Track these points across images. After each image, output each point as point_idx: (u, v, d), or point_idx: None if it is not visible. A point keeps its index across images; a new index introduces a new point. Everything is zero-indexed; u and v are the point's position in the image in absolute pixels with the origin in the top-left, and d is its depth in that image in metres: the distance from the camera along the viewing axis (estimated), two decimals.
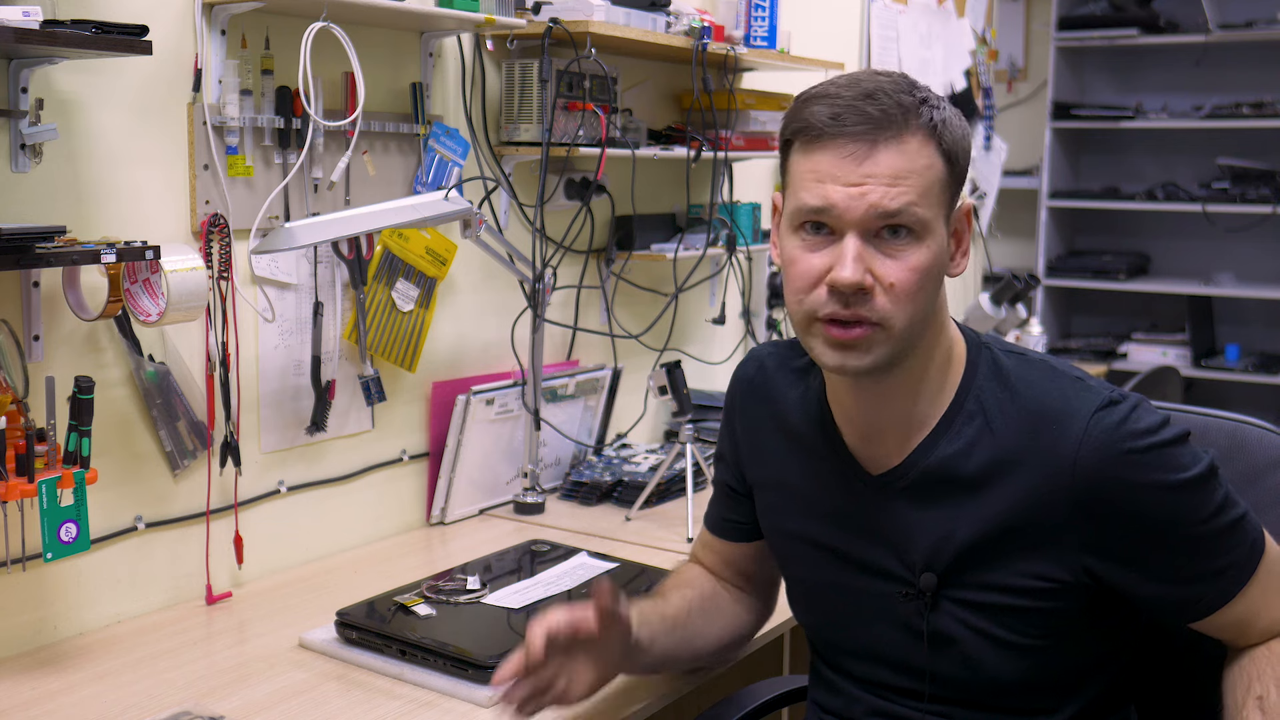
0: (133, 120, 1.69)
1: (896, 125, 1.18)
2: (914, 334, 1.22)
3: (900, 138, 1.18)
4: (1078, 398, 1.23)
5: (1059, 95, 5.14)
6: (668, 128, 2.63)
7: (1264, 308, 5.00)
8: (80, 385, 1.53)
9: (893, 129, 1.18)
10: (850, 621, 1.37)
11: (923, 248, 1.19)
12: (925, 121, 1.20)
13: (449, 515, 2.21)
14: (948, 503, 1.26)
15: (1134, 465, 1.19)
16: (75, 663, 1.59)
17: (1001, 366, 1.28)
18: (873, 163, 1.18)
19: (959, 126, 1.23)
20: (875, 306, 1.19)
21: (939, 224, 1.21)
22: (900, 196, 1.17)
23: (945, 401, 1.28)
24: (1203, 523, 1.21)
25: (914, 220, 1.18)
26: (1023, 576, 1.24)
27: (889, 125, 1.18)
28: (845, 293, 1.18)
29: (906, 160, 1.18)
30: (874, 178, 1.18)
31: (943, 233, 1.22)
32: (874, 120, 1.18)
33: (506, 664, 1.28)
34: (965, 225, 1.27)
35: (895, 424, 1.29)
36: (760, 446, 1.45)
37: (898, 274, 1.19)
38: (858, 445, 1.33)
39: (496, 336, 2.33)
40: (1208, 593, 1.23)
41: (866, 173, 1.18)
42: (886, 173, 1.18)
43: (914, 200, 1.18)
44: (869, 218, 1.18)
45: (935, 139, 1.20)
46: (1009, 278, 3.53)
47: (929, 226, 1.19)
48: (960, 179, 1.24)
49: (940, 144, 1.20)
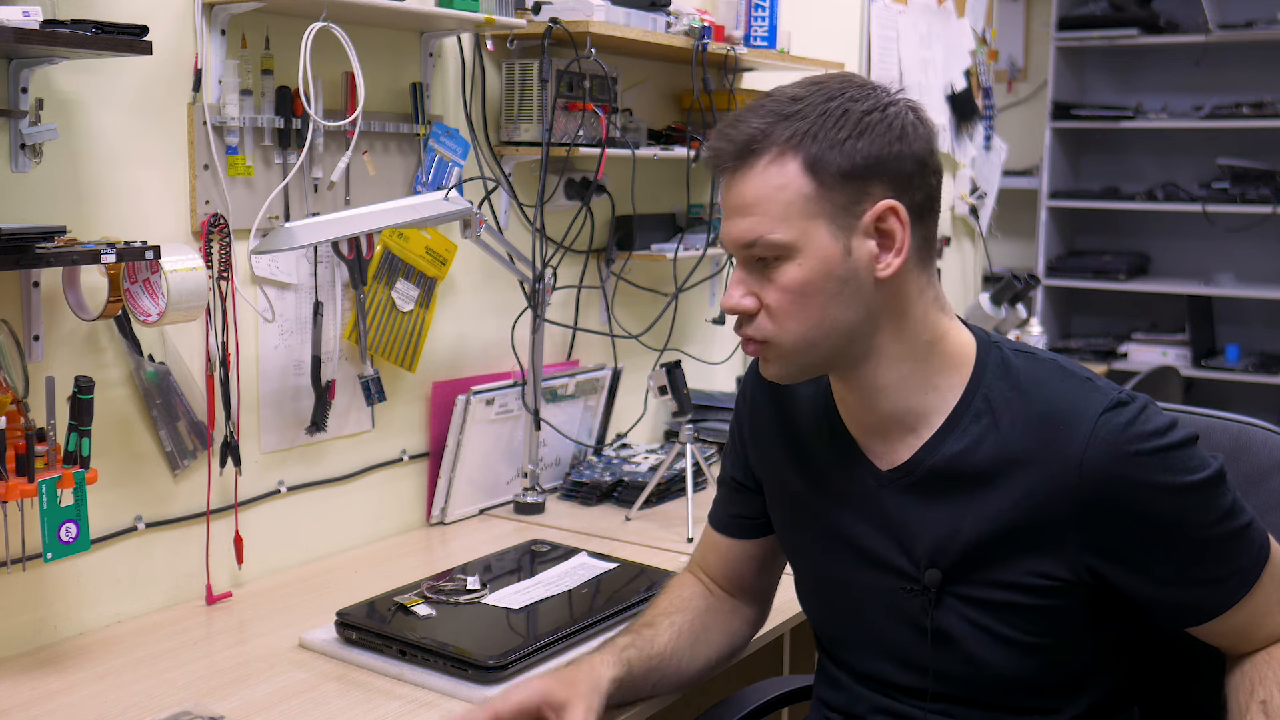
0: (133, 120, 1.69)
1: (745, 153, 1.23)
2: (816, 346, 1.25)
3: (748, 163, 1.23)
4: (1086, 398, 1.22)
5: (1059, 95, 5.14)
6: (668, 128, 2.63)
7: (1264, 308, 5.01)
8: (80, 385, 1.53)
9: (742, 157, 1.23)
10: (855, 616, 1.37)
11: (793, 265, 1.22)
12: (780, 139, 1.21)
13: (449, 515, 2.21)
14: (954, 499, 1.27)
15: (1141, 466, 1.19)
16: (75, 663, 1.59)
17: (1011, 365, 1.28)
18: (729, 195, 1.25)
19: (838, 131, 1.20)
20: (757, 326, 1.27)
21: (812, 238, 1.21)
22: (749, 230, 1.23)
23: (953, 399, 1.28)
24: (1209, 526, 1.20)
25: (767, 247, 1.23)
26: (1027, 574, 1.24)
27: (739, 154, 1.24)
28: (736, 316, 1.28)
29: (754, 189, 1.23)
30: (733, 210, 1.25)
31: (826, 245, 1.21)
32: (726, 153, 1.25)
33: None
34: (895, 223, 1.23)
35: (896, 420, 1.30)
36: (771, 440, 1.45)
37: (772, 295, 1.25)
38: (865, 441, 1.34)
39: (496, 336, 2.33)
40: (1211, 598, 1.23)
41: (729, 205, 1.26)
42: (737, 204, 1.25)
43: (764, 230, 1.22)
44: (737, 249, 1.26)
45: (794, 152, 1.21)
46: (1009, 278, 3.54)
47: (791, 246, 1.22)
48: (856, 179, 1.21)
49: (802, 155, 1.20)
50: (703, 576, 1.57)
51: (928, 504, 1.28)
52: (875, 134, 1.21)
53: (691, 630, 1.50)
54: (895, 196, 1.22)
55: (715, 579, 1.56)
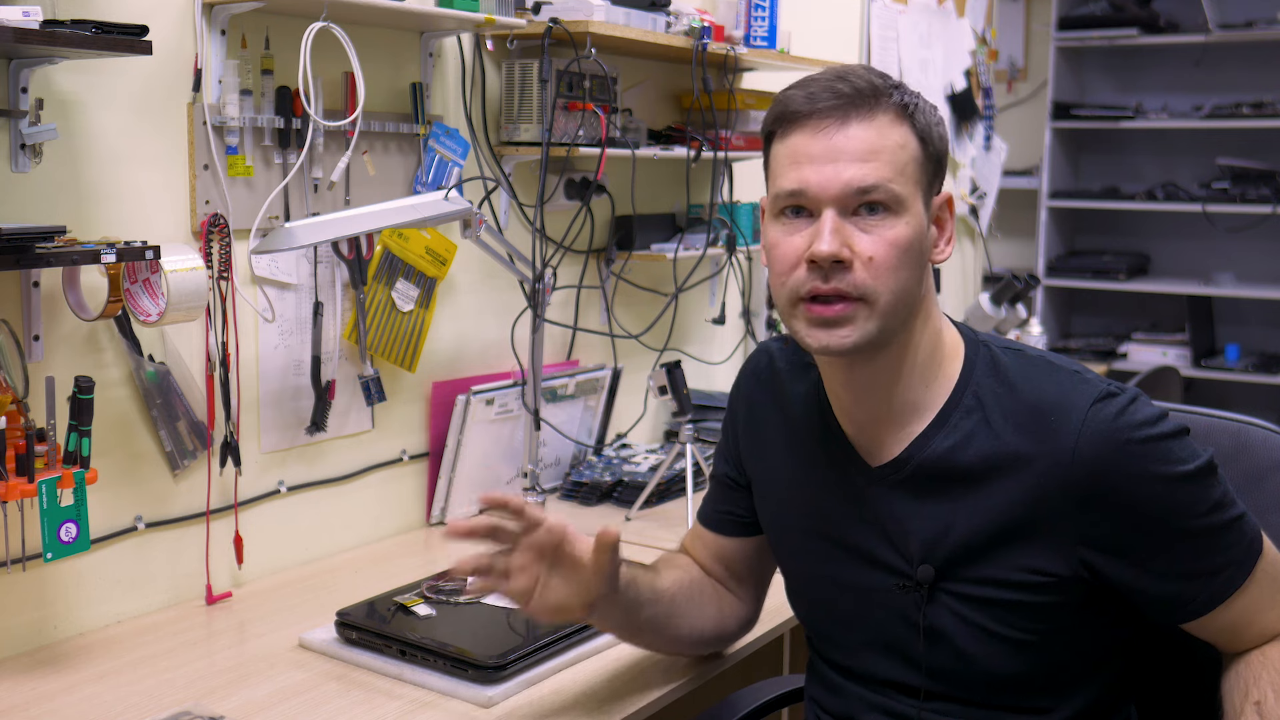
0: (133, 120, 1.69)
1: (868, 102, 1.22)
2: (897, 311, 1.24)
3: (872, 114, 1.22)
4: (1075, 390, 1.23)
5: (1059, 95, 5.14)
6: (668, 128, 2.63)
7: (1264, 308, 5.00)
8: (80, 385, 1.53)
9: (864, 105, 1.22)
10: (847, 614, 1.37)
11: (900, 223, 1.22)
12: (897, 101, 1.24)
13: (449, 515, 2.21)
14: (946, 495, 1.27)
15: (1132, 456, 1.19)
16: (75, 663, 1.59)
17: (999, 362, 1.29)
18: (845, 137, 1.21)
19: (933, 114, 1.27)
20: (854, 281, 1.21)
21: (916, 203, 1.23)
22: (872, 174, 1.21)
23: (943, 395, 1.29)
24: (1200, 517, 1.21)
25: (889, 195, 1.21)
26: (1020, 570, 1.24)
27: (860, 102, 1.22)
28: (824, 267, 1.20)
29: (879, 135, 1.22)
30: (847, 154, 1.21)
31: (921, 213, 1.24)
32: (845, 96, 1.22)
33: (468, 521, 1.32)
34: (948, 214, 1.30)
35: (890, 415, 1.30)
36: (762, 437, 1.45)
37: (875, 248, 1.21)
38: (857, 437, 1.34)
39: (496, 336, 2.33)
40: (1203, 591, 1.23)
41: (839, 148, 1.21)
42: (859, 148, 1.21)
43: (888, 175, 1.21)
44: (844, 194, 1.21)
45: (908, 119, 1.24)
46: (1009, 278, 3.54)
47: (905, 203, 1.22)
48: (937, 165, 1.27)
49: (914, 124, 1.24)
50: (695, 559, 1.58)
51: (919, 500, 1.29)
52: (944, 129, 1.29)
53: (690, 588, 1.51)
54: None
55: (706, 569, 1.56)
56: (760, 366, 1.48)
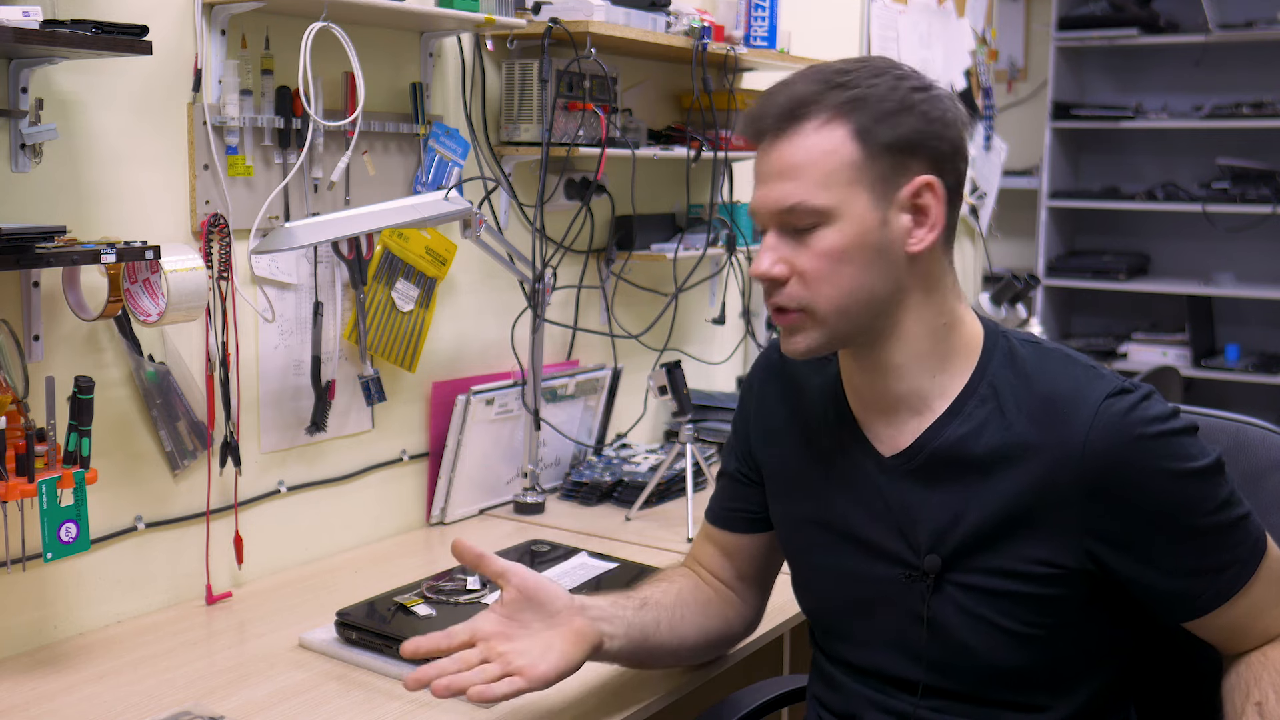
0: (133, 120, 1.69)
1: (791, 117, 1.24)
2: (848, 314, 1.26)
3: (798, 127, 1.24)
4: (1090, 385, 1.24)
5: (1059, 95, 5.14)
6: (668, 128, 2.63)
7: (1264, 308, 5.00)
8: (80, 385, 1.53)
9: (789, 120, 1.24)
10: (851, 606, 1.37)
11: (831, 230, 1.24)
12: (831, 104, 1.23)
13: (449, 515, 2.21)
14: (957, 484, 1.27)
15: (1143, 451, 1.20)
16: (75, 663, 1.59)
17: (1017, 354, 1.30)
18: (769, 160, 1.26)
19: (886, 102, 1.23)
20: (789, 295, 1.26)
21: (854, 205, 1.23)
22: (790, 195, 1.23)
23: (959, 385, 1.29)
24: (1207, 515, 1.21)
25: (809, 213, 1.23)
26: (1027, 562, 1.24)
27: (786, 117, 1.24)
28: (765, 285, 1.28)
29: (800, 152, 1.23)
30: (773, 174, 1.26)
31: (864, 213, 1.23)
32: (771, 117, 1.25)
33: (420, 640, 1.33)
34: (930, 198, 1.25)
35: (904, 404, 1.31)
36: (774, 429, 1.46)
37: (806, 261, 1.25)
38: (871, 427, 1.34)
39: (496, 336, 2.33)
40: (1208, 589, 1.23)
41: (768, 169, 1.26)
42: (779, 169, 1.25)
43: (806, 192, 1.23)
44: (776, 215, 1.26)
45: (845, 118, 1.23)
46: (1009, 278, 3.54)
47: (832, 212, 1.23)
48: (896, 154, 1.23)
49: (851, 123, 1.23)
50: (697, 568, 1.57)
51: (930, 489, 1.29)
52: (920, 112, 1.24)
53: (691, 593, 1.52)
54: (935, 173, 1.25)
55: (711, 572, 1.56)
56: (773, 361, 1.49)
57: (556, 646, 1.34)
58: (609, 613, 1.41)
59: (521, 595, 1.37)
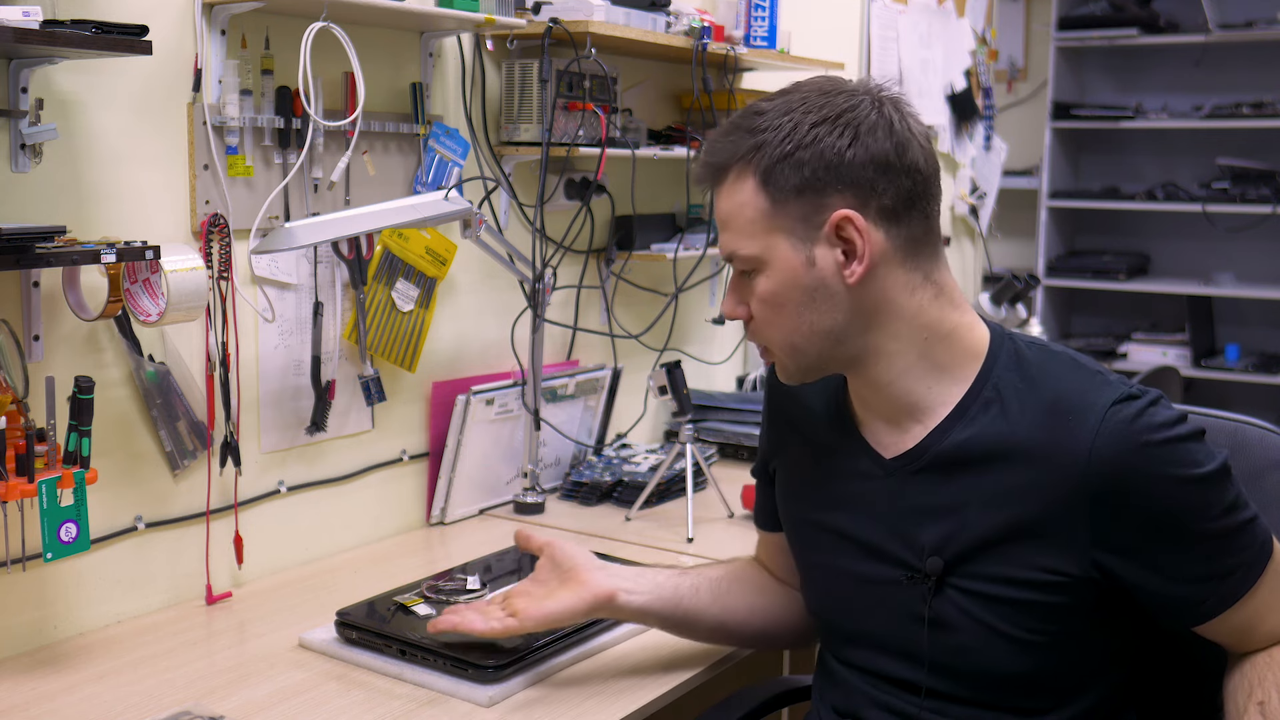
0: (133, 120, 1.69)
1: (718, 173, 1.30)
2: (806, 349, 1.30)
3: (721, 183, 1.30)
4: (1096, 390, 1.23)
5: (1059, 95, 5.14)
6: (668, 128, 2.63)
7: (1264, 308, 5.01)
8: (80, 385, 1.53)
9: (712, 178, 1.31)
10: (855, 606, 1.37)
11: (761, 278, 1.29)
12: (741, 154, 1.26)
13: (449, 515, 2.21)
14: (960, 488, 1.27)
15: (1149, 458, 1.19)
16: (75, 663, 1.59)
17: (1023, 357, 1.29)
18: (715, 210, 1.32)
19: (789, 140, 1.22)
20: (752, 333, 1.34)
21: (776, 250, 1.26)
22: (727, 244, 1.30)
23: (962, 390, 1.29)
24: (1215, 520, 1.21)
25: (743, 260, 1.29)
26: (1031, 569, 1.24)
27: (708, 177, 1.31)
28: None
29: (724, 205, 1.30)
30: (718, 224, 1.32)
31: (787, 257, 1.26)
32: (702, 175, 1.32)
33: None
34: (852, 231, 1.23)
35: (908, 409, 1.31)
36: (783, 435, 1.48)
37: (754, 305, 1.31)
38: (875, 430, 1.35)
39: (496, 336, 2.33)
40: (1214, 594, 1.23)
41: (717, 218, 1.33)
42: (718, 219, 1.32)
43: (736, 243, 1.29)
44: (725, 260, 1.33)
45: (752, 170, 1.26)
46: (1009, 278, 3.54)
47: (760, 259, 1.27)
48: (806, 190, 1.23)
49: (756, 172, 1.25)
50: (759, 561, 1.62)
51: (933, 492, 1.29)
52: (822, 145, 1.23)
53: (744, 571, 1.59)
54: (856, 203, 1.23)
55: (767, 567, 1.60)
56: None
57: (559, 595, 1.50)
58: (631, 573, 1.53)
59: (549, 561, 1.54)
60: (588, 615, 1.52)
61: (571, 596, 1.49)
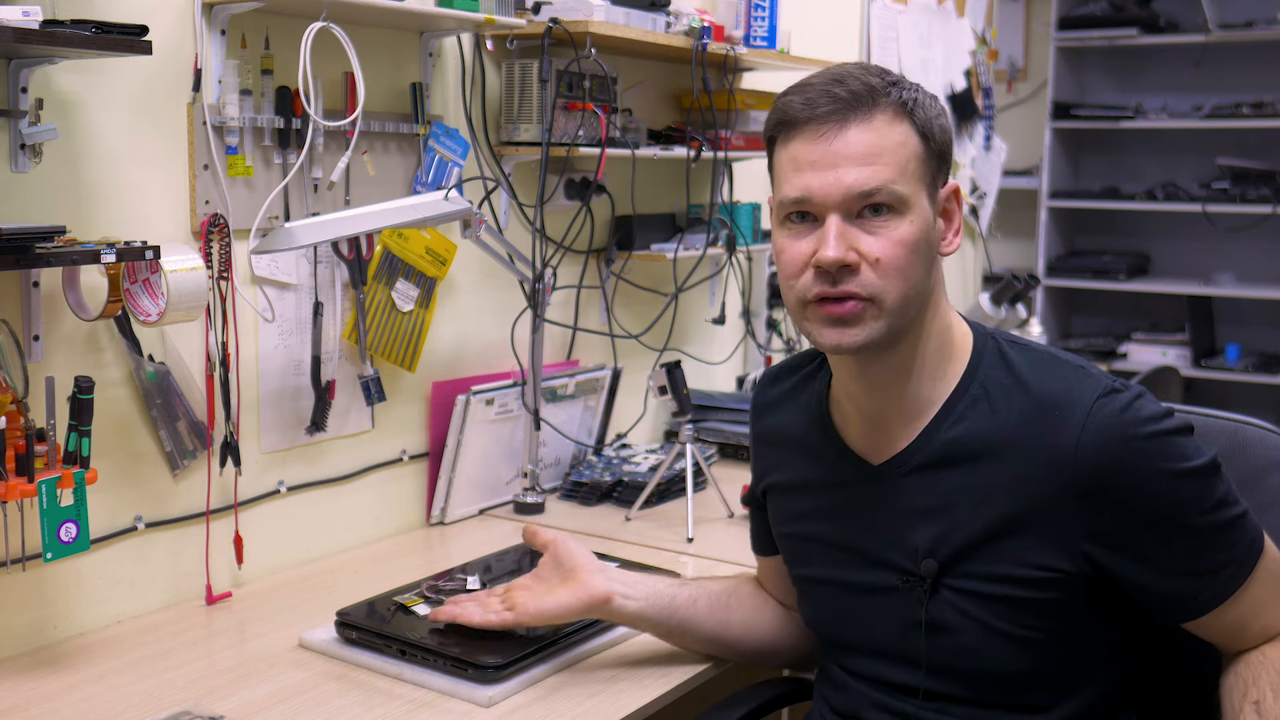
0: (133, 120, 1.69)
1: (865, 104, 1.23)
2: (907, 309, 1.25)
3: (870, 115, 1.23)
4: (1081, 385, 1.24)
5: (1059, 95, 5.14)
6: (668, 128, 2.63)
7: (1264, 308, 5.00)
8: (80, 385, 1.53)
9: (861, 108, 1.23)
10: (851, 615, 1.38)
11: (905, 222, 1.23)
12: (895, 100, 1.24)
13: (449, 515, 2.21)
14: (950, 488, 1.27)
15: (1136, 451, 1.20)
16: (75, 663, 1.59)
17: (1007, 355, 1.30)
18: (844, 142, 1.22)
19: (934, 107, 1.27)
20: (863, 281, 1.23)
21: (921, 199, 1.24)
22: (873, 178, 1.22)
23: (949, 388, 1.30)
24: (1203, 514, 1.21)
25: (892, 197, 1.22)
26: (1024, 566, 1.24)
27: (857, 104, 1.23)
28: (831, 272, 1.22)
29: (878, 137, 1.22)
30: (847, 159, 1.22)
31: (926, 209, 1.25)
32: (842, 100, 1.23)
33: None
34: (955, 205, 1.30)
35: (899, 409, 1.31)
36: (770, 456, 1.49)
37: (882, 249, 1.22)
38: (861, 437, 1.35)
39: (496, 336, 2.33)
40: (1205, 589, 1.23)
41: (839, 153, 1.22)
42: (859, 152, 1.22)
43: (890, 177, 1.22)
44: (847, 199, 1.22)
45: (908, 115, 1.24)
46: (1009, 278, 3.53)
47: (909, 202, 1.23)
48: (941, 158, 1.28)
49: (914, 121, 1.24)
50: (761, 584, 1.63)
51: (924, 494, 1.29)
52: (946, 121, 1.29)
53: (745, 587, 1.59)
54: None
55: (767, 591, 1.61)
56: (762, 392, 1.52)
57: (557, 593, 1.52)
58: (631, 578, 1.55)
59: (552, 559, 1.57)
60: (583, 615, 1.53)
61: (569, 595, 1.51)
